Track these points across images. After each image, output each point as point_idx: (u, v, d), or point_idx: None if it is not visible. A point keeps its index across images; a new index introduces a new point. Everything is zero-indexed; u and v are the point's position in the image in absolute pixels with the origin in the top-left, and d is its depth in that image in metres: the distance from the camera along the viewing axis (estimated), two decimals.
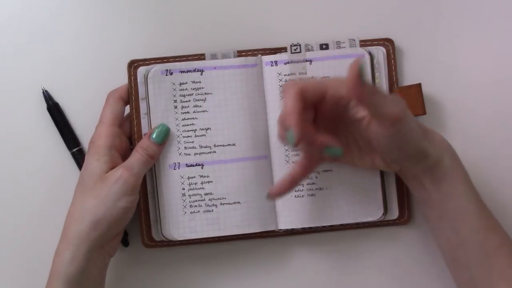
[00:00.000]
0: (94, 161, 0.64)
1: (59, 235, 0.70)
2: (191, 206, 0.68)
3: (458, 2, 0.74)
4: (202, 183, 0.69)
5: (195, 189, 0.69)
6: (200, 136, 0.69)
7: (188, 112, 0.69)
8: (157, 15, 0.73)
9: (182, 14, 0.73)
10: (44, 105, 0.72)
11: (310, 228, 0.70)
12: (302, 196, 0.69)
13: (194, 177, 0.69)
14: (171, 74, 0.69)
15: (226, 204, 0.69)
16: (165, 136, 0.68)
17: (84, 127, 0.72)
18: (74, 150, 0.71)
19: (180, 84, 0.69)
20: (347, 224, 0.70)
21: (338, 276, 0.72)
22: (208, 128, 0.69)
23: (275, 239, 0.72)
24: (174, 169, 0.69)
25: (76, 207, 0.64)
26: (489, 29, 0.74)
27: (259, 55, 0.70)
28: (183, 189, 0.68)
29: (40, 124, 0.72)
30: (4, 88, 0.72)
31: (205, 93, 0.69)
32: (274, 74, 0.70)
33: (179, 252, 0.72)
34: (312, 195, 0.69)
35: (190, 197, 0.68)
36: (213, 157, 0.69)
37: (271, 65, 0.70)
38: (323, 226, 0.70)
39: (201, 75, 0.69)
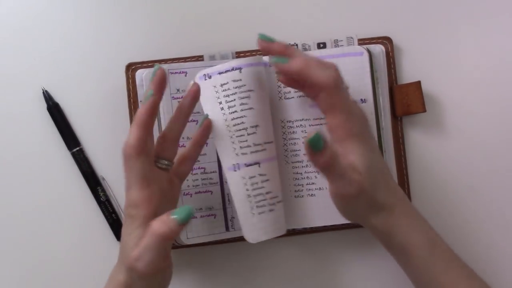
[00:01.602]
0: (126, 235, 0.58)
1: (59, 235, 0.72)
2: (257, 206, 0.66)
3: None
4: (262, 182, 0.66)
5: (257, 188, 0.66)
6: (251, 134, 0.66)
7: (236, 111, 0.66)
8: (155, 17, 0.73)
9: (180, 16, 0.73)
10: (44, 105, 0.72)
11: (311, 228, 0.70)
12: (302, 196, 0.69)
13: (254, 176, 0.66)
14: (210, 77, 0.66)
15: (281, 201, 0.67)
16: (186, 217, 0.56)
17: (84, 127, 0.72)
18: (74, 150, 0.71)
19: (221, 85, 0.66)
20: (348, 224, 0.70)
21: (340, 276, 0.72)
22: (257, 126, 0.66)
23: (276, 239, 0.71)
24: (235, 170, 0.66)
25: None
26: (488, 26, 0.73)
27: (257, 56, 0.69)
28: (247, 190, 0.66)
29: (40, 124, 0.72)
30: (4, 88, 0.72)
31: (248, 90, 0.66)
32: (273, 75, 0.69)
33: (181, 254, 0.72)
34: (312, 195, 0.69)
35: (254, 197, 0.66)
36: (266, 154, 0.66)
37: (270, 66, 0.69)
38: (324, 226, 0.70)
39: (240, 72, 0.66)
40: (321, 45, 0.70)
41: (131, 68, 0.70)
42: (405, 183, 0.71)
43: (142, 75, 0.69)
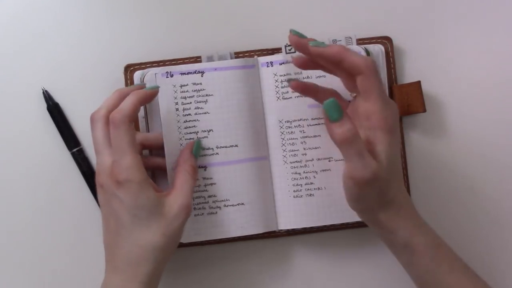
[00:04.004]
0: (144, 199, 0.59)
1: (59, 235, 0.71)
2: (194, 208, 0.68)
3: None
4: (205, 185, 0.68)
5: (199, 191, 0.68)
6: (202, 138, 0.68)
7: (189, 114, 0.68)
8: (154, 18, 0.73)
9: (179, 18, 0.73)
10: (44, 105, 0.72)
11: (311, 228, 0.70)
12: (301, 196, 0.69)
13: (197, 179, 0.68)
14: (171, 76, 0.68)
15: (230, 205, 0.68)
16: (201, 151, 0.67)
17: (84, 127, 0.72)
18: (74, 150, 0.71)
19: (181, 86, 0.68)
20: (348, 223, 0.70)
21: (339, 276, 0.72)
22: (210, 130, 0.68)
23: (276, 240, 0.72)
24: None
25: (143, 247, 0.59)
26: (488, 26, 0.73)
27: (256, 56, 0.70)
28: None
29: (40, 124, 0.72)
30: (4, 88, 0.72)
31: (206, 95, 0.68)
32: (270, 75, 0.69)
33: (180, 254, 0.72)
34: (310, 195, 0.69)
35: (194, 200, 0.68)
36: (216, 158, 0.68)
37: (267, 66, 0.69)
38: (324, 226, 0.70)
39: (202, 76, 0.68)
40: None
41: (130, 69, 0.70)
42: (405, 183, 0.71)
43: (140, 76, 0.69)
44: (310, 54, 0.60)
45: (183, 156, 0.65)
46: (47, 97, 0.72)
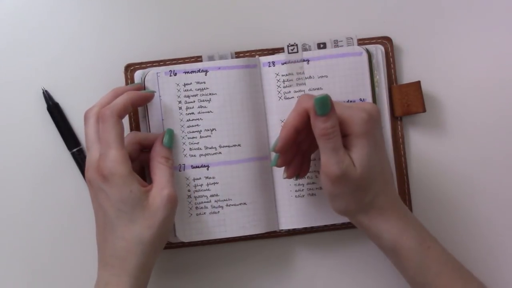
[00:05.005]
0: (127, 192, 0.60)
1: (59, 235, 0.71)
2: (197, 208, 0.68)
3: None
4: (207, 185, 0.68)
5: (201, 190, 0.68)
6: (205, 137, 0.68)
7: (193, 113, 0.68)
8: (154, 18, 0.73)
9: (179, 17, 0.73)
10: (44, 105, 0.72)
11: (311, 228, 0.70)
12: (303, 196, 0.69)
13: (200, 178, 0.68)
14: (175, 75, 0.68)
15: (232, 205, 0.69)
16: (173, 140, 0.67)
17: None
18: (74, 150, 0.71)
19: (185, 85, 0.68)
20: (349, 223, 0.70)
21: (340, 275, 0.72)
22: (213, 129, 0.68)
23: (277, 240, 0.72)
24: (179, 170, 0.68)
25: (128, 241, 0.60)
26: (488, 26, 0.73)
27: (257, 56, 0.70)
28: (189, 191, 0.68)
29: (40, 124, 0.72)
30: (4, 88, 0.72)
31: (210, 94, 0.68)
32: (272, 75, 0.69)
33: (181, 254, 0.72)
34: (312, 194, 0.69)
35: (196, 199, 0.68)
36: (219, 158, 0.68)
37: (269, 66, 0.69)
38: (325, 226, 0.70)
39: (206, 75, 0.68)
40: (321, 46, 0.70)
41: (130, 69, 0.70)
42: (405, 183, 0.71)
43: (141, 75, 0.69)
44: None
45: (154, 149, 0.65)
46: (47, 97, 0.72)
